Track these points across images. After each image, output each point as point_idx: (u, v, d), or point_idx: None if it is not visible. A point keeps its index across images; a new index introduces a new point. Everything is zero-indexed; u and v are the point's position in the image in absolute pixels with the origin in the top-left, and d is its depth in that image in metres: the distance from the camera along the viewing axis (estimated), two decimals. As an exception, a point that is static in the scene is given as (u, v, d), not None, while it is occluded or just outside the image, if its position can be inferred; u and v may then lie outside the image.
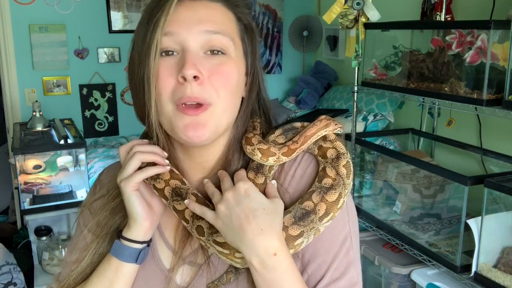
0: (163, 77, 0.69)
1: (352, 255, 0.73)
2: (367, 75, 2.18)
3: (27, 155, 2.40)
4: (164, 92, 0.70)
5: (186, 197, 0.73)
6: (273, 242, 0.66)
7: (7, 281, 2.37)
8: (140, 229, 0.74)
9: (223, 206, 0.68)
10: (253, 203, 0.67)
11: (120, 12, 3.32)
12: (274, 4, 3.69)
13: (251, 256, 0.66)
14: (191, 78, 0.67)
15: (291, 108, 3.33)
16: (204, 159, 0.78)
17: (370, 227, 2.13)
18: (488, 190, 1.58)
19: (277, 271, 0.66)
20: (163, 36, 0.68)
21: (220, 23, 0.71)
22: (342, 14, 2.07)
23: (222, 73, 0.70)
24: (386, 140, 2.58)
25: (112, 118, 3.44)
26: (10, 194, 3.66)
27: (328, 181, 0.71)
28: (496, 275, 1.57)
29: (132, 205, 0.73)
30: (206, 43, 0.70)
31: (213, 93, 0.70)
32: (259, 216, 0.66)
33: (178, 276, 0.76)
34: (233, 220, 0.67)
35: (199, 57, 0.69)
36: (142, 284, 0.78)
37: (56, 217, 2.52)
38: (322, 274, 0.71)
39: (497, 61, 1.63)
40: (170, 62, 0.69)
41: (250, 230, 0.65)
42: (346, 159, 0.73)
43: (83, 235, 0.83)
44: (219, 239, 0.69)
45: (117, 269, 0.76)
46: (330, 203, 0.70)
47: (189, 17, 0.69)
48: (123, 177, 0.73)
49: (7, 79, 3.12)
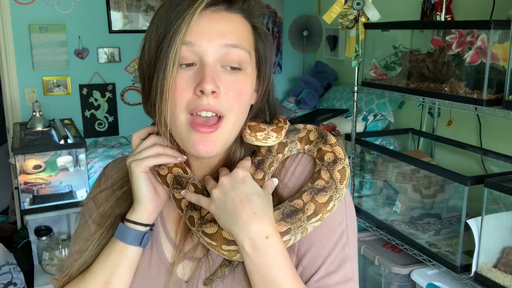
0: (181, 89, 0.69)
1: (348, 251, 0.73)
2: (367, 75, 2.18)
3: (27, 155, 2.40)
4: (179, 104, 0.70)
5: (185, 186, 0.74)
6: (266, 226, 0.67)
7: (7, 281, 2.37)
8: (145, 211, 0.76)
9: (217, 191, 0.70)
10: (248, 188, 0.69)
11: (120, 12, 3.32)
12: (274, 4, 3.69)
13: (244, 239, 0.67)
14: (209, 92, 0.68)
15: (291, 108, 3.33)
16: (211, 160, 0.79)
17: (370, 227, 2.13)
18: (488, 190, 1.58)
19: (268, 255, 0.67)
20: (182, 45, 0.68)
21: (239, 35, 0.71)
22: (342, 14, 2.07)
23: (238, 90, 0.71)
24: (386, 140, 2.58)
25: (112, 118, 3.43)
26: (10, 194, 3.66)
27: (320, 183, 0.72)
28: (496, 275, 1.57)
29: (140, 186, 0.75)
30: (225, 56, 0.70)
31: (228, 107, 0.71)
32: (253, 201, 0.68)
33: (179, 269, 0.77)
34: (227, 204, 0.68)
35: (217, 71, 0.70)
36: (145, 275, 0.79)
37: (56, 217, 2.52)
38: (317, 267, 0.72)
39: (497, 61, 1.63)
40: (188, 74, 0.70)
41: (244, 213, 0.67)
42: (343, 164, 0.74)
43: (87, 226, 0.84)
44: (207, 230, 0.70)
45: (121, 252, 0.76)
46: (319, 204, 0.71)
47: (210, 29, 0.69)
48: (135, 158, 0.75)
49: (7, 79, 3.12)
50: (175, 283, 0.76)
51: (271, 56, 0.77)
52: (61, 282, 0.81)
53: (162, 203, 0.79)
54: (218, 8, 0.70)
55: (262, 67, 0.76)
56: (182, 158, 0.77)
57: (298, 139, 0.78)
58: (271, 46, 0.77)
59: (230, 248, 0.70)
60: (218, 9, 0.70)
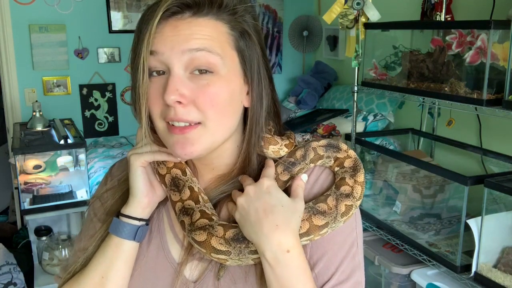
0: (152, 99, 0.70)
1: (357, 259, 0.75)
2: (367, 75, 2.18)
3: (27, 155, 2.40)
4: (154, 112, 0.71)
5: (182, 189, 0.75)
6: (287, 238, 0.67)
7: (7, 281, 2.37)
8: (138, 205, 0.76)
9: (242, 200, 0.70)
10: (272, 199, 0.69)
11: (120, 12, 3.32)
12: (274, 4, 3.69)
13: (265, 250, 0.67)
14: (173, 103, 0.68)
15: (291, 108, 3.33)
16: (211, 161, 0.79)
17: (370, 227, 2.13)
18: (488, 190, 1.58)
19: (288, 268, 0.67)
20: (149, 55, 0.69)
21: (207, 38, 0.69)
22: (342, 14, 2.07)
23: (208, 94, 0.69)
24: (386, 140, 2.58)
25: (112, 118, 3.44)
26: (10, 194, 3.66)
27: (347, 189, 0.74)
28: (496, 275, 1.57)
29: (136, 179, 0.76)
30: (191, 62, 0.69)
31: (199, 114, 0.69)
32: (276, 212, 0.68)
33: (187, 270, 0.77)
34: (251, 214, 0.69)
35: (183, 79, 0.69)
36: (151, 276, 0.79)
37: (56, 217, 2.52)
38: (330, 275, 0.73)
39: (497, 61, 1.63)
40: (158, 83, 0.70)
41: (266, 224, 0.67)
42: (363, 173, 0.76)
43: (92, 224, 0.84)
44: (197, 238, 0.70)
45: (116, 247, 0.77)
46: (347, 206, 0.73)
47: (173, 36, 0.68)
48: (135, 152, 0.76)
49: (7, 79, 3.12)
50: (183, 283, 0.76)
51: (257, 54, 0.74)
52: (65, 279, 0.82)
53: (158, 199, 0.79)
54: (183, 15, 0.69)
55: (247, 66, 0.73)
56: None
57: (334, 158, 0.78)
58: (256, 44, 0.74)
59: (220, 256, 0.70)
60: (182, 17, 0.69)
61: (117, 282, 0.77)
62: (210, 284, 0.75)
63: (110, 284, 0.77)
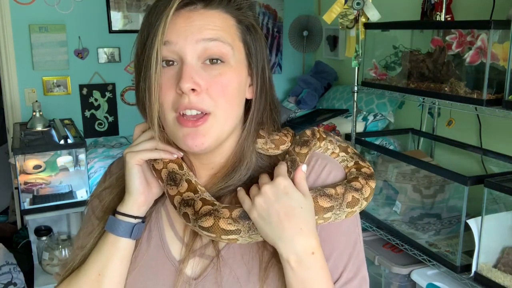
0: (164, 89, 0.71)
1: (361, 256, 0.77)
2: (367, 75, 2.18)
3: (27, 155, 2.40)
4: (165, 103, 0.72)
5: (179, 183, 0.75)
6: (311, 241, 0.69)
7: (7, 281, 2.37)
8: (134, 203, 0.77)
9: (261, 199, 0.70)
10: (292, 201, 0.69)
11: (120, 12, 3.32)
12: (274, 4, 3.69)
13: (289, 254, 0.68)
14: (188, 91, 0.69)
15: (291, 108, 3.33)
16: (211, 160, 0.80)
17: (370, 227, 2.13)
18: (488, 190, 1.58)
19: (311, 269, 0.69)
20: (162, 45, 0.70)
21: (218, 29, 0.71)
22: (342, 14, 2.07)
23: (221, 83, 0.71)
24: (386, 140, 2.58)
25: (112, 118, 3.44)
26: (10, 194, 3.66)
27: (358, 185, 0.76)
28: (496, 275, 1.57)
29: (132, 177, 0.76)
30: (204, 52, 0.71)
31: (212, 103, 0.71)
32: (297, 215, 0.69)
33: (188, 267, 0.77)
34: (271, 216, 0.68)
35: (196, 68, 0.70)
36: (151, 275, 0.79)
37: (56, 217, 2.52)
38: (339, 273, 0.75)
39: (497, 61, 1.63)
40: (170, 73, 0.71)
41: (289, 228, 0.68)
42: (375, 182, 0.79)
43: (90, 222, 0.84)
44: (204, 224, 0.70)
45: (112, 244, 0.77)
46: (354, 198, 0.74)
47: (187, 26, 0.70)
48: (131, 150, 0.77)
49: (7, 79, 3.12)
50: (184, 281, 0.76)
51: (261, 47, 0.77)
52: (63, 276, 0.82)
53: (154, 197, 0.80)
54: (195, 7, 0.71)
55: (252, 59, 0.76)
56: (178, 154, 0.77)
57: (355, 162, 0.82)
58: (261, 38, 0.77)
59: (230, 237, 0.70)
60: (195, 8, 0.71)
61: (113, 279, 0.77)
62: (211, 280, 0.75)
63: (106, 281, 0.77)
